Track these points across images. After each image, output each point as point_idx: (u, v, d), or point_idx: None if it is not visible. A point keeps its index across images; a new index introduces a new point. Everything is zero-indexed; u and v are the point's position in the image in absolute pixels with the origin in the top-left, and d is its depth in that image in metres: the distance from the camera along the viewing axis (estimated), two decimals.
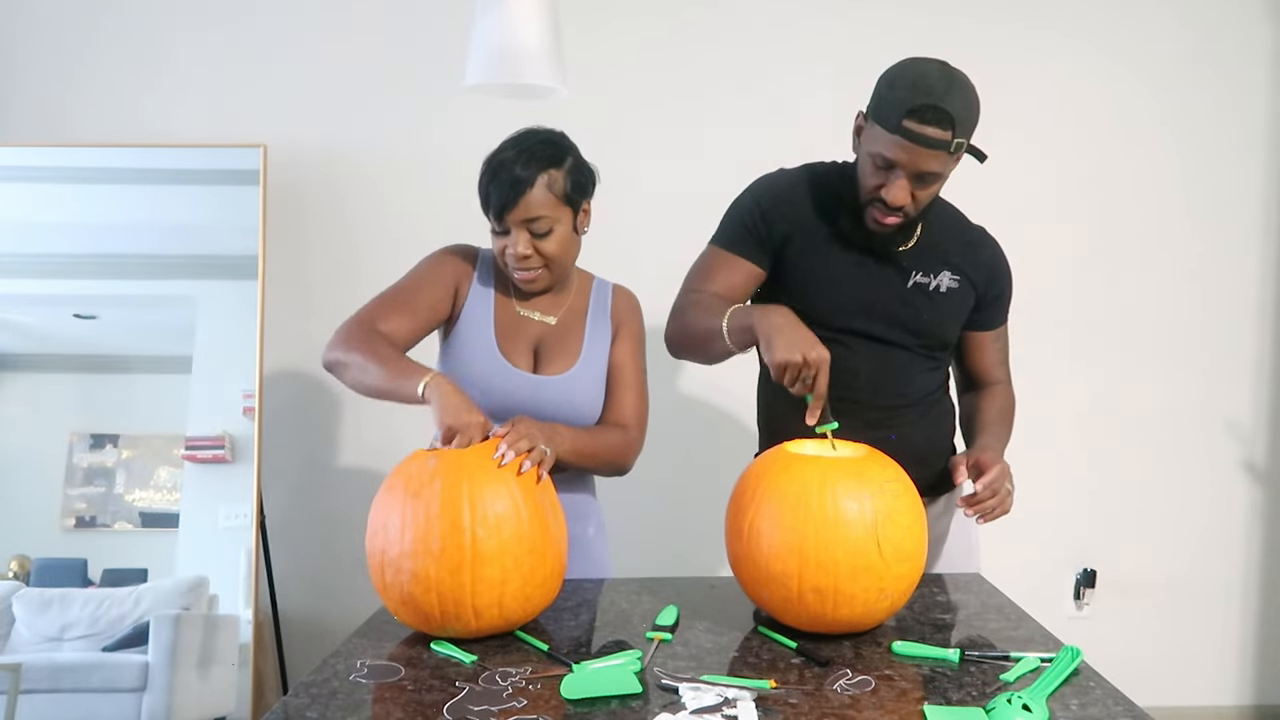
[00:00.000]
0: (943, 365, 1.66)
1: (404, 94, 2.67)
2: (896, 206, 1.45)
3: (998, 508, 1.45)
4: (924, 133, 1.38)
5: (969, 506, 1.46)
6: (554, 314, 1.61)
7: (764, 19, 2.68)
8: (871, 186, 1.46)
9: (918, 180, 1.43)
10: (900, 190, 1.43)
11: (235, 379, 2.46)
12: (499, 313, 1.58)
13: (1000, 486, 1.45)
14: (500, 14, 1.75)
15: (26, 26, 2.65)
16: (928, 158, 1.40)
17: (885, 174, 1.44)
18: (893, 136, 1.39)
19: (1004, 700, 1.01)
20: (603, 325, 1.63)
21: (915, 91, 1.38)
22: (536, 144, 1.49)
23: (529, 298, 1.60)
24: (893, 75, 1.44)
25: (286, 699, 1.07)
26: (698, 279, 1.60)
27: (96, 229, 2.53)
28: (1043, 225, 2.72)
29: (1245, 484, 2.83)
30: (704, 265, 1.62)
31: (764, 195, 1.60)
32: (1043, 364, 2.73)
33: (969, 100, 1.40)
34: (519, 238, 1.49)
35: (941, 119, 1.37)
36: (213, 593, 2.39)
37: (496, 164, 1.48)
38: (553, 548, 1.26)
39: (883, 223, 1.48)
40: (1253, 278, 2.79)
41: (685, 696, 1.04)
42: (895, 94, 1.40)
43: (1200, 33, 2.72)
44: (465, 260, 1.62)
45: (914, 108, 1.37)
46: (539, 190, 1.47)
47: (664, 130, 2.68)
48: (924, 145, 1.38)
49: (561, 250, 1.52)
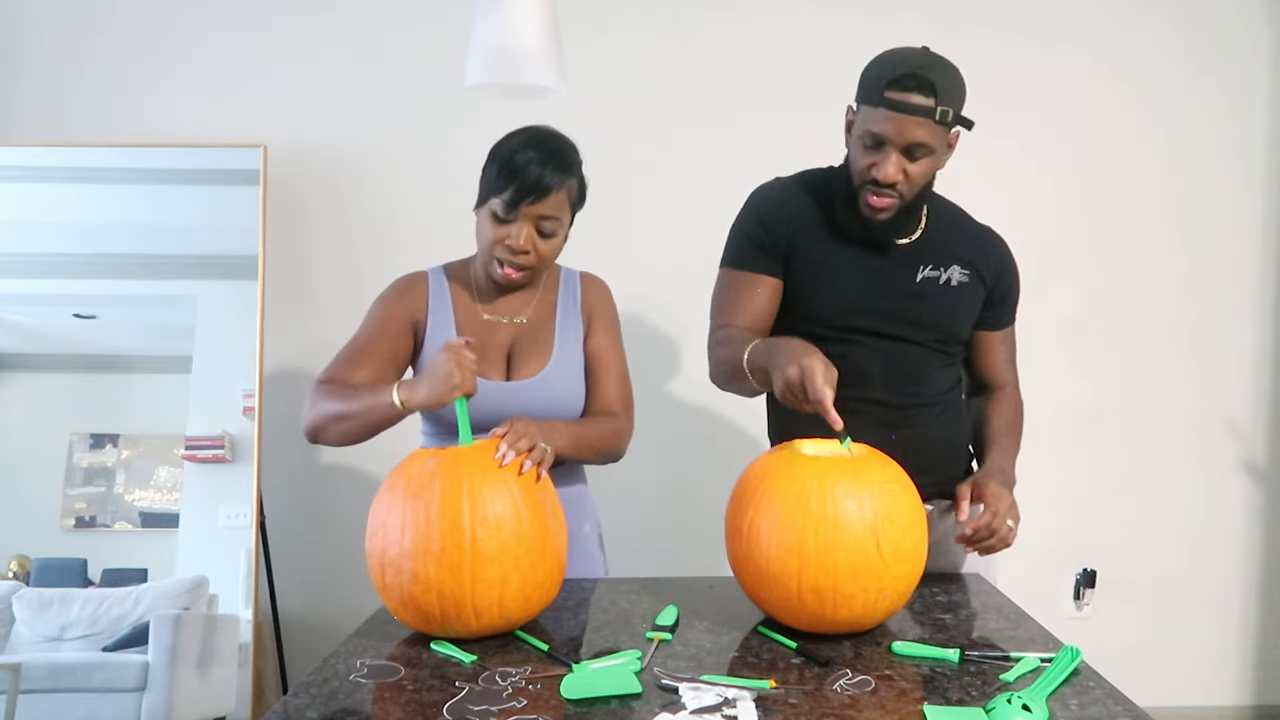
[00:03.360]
0: (956, 362, 1.65)
1: (404, 94, 2.67)
2: (889, 184, 1.45)
3: (997, 545, 1.44)
4: (907, 100, 1.40)
5: (966, 544, 1.44)
6: (524, 312, 1.61)
7: (764, 23, 2.68)
8: (863, 168, 1.47)
9: (907, 154, 1.44)
10: (891, 166, 1.43)
11: (235, 379, 2.46)
12: (463, 327, 1.58)
13: (1000, 525, 1.42)
14: (500, 14, 1.75)
15: (27, 26, 2.65)
16: (913, 126, 1.41)
17: (875, 153, 1.45)
18: (877, 110, 1.42)
19: (1004, 700, 1.01)
20: (574, 317, 1.63)
21: (896, 65, 1.42)
22: (561, 146, 1.51)
23: (494, 299, 1.60)
24: (875, 59, 1.47)
25: (286, 699, 1.07)
26: (722, 311, 1.60)
27: (96, 229, 2.53)
28: (1043, 225, 2.72)
29: (1245, 484, 2.84)
30: (722, 293, 1.61)
31: (762, 205, 1.60)
32: (1043, 364, 2.72)
33: (950, 73, 1.43)
34: (524, 230, 1.49)
35: (922, 85, 1.40)
36: (213, 593, 2.39)
37: (524, 158, 1.46)
38: (552, 548, 1.26)
39: (877, 206, 1.48)
40: (1253, 278, 2.79)
41: (685, 696, 1.04)
42: (878, 69, 1.44)
43: (1200, 34, 2.72)
44: (414, 291, 1.60)
45: (895, 78, 1.40)
46: (561, 193, 1.49)
47: (664, 131, 2.68)
48: (907, 113, 1.40)
49: (553, 254, 1.55)
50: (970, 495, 1.47)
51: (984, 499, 1.45)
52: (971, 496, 1.47)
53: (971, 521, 1.42)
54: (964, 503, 1.46)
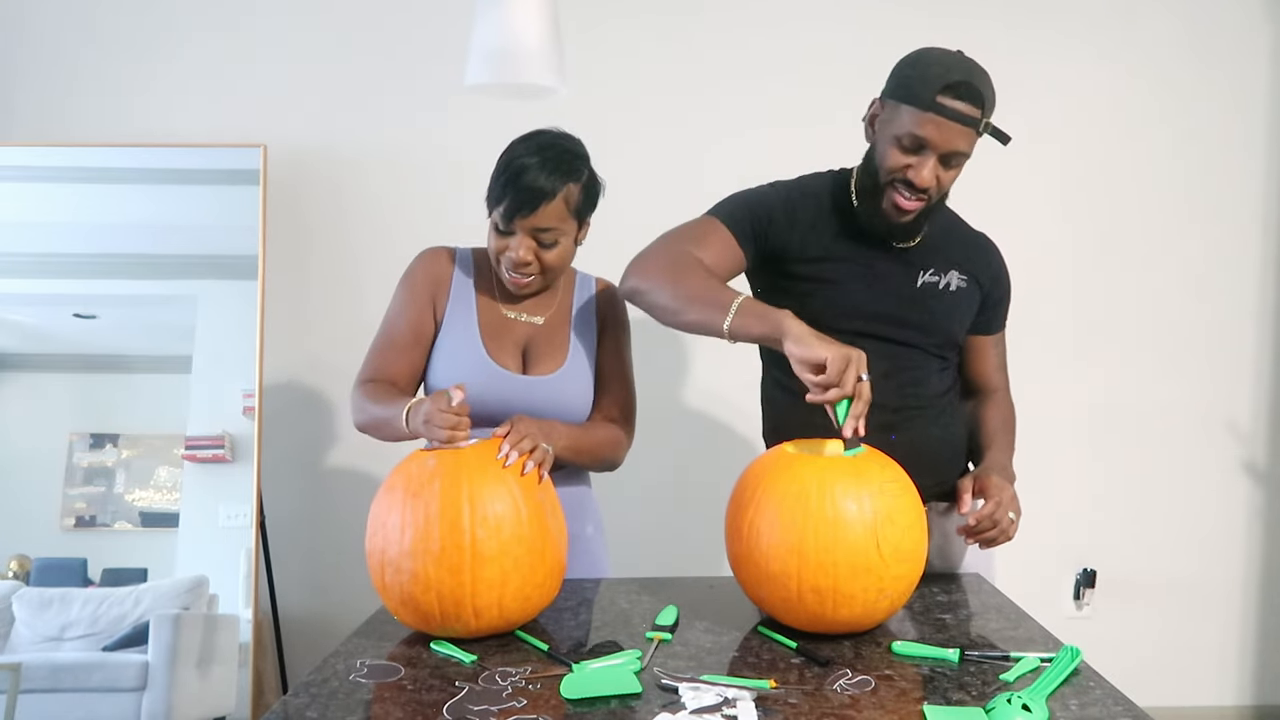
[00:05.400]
0: (952, 365, 1.66)
1: (404, 94, 2.67)
2: (922, 189, 1.44)
3: (999, 537, 1.44)
4: (957, 108, 1.39)
5: (968, 535, 1.45)
6: (541, 314, 1.60)
7: (765, 19, 2.68)
8: (897, 167, 1.44)
9: (944, 161, 1.43)
10: (928, 171, 1.42)
11: (235, 379, 2.46)
12: (484, 315, 1.58)
13: (1002, 517, 1.43)
14: (500, 14, 1.75)
15: (27, 26, 2.65)
16: (958, 135, 1.40)
17: (913, 155, 1.43)
18: (925, 114, 1.40)
19: (1004, 700, 1.01)
20: (588, 322, 1.63)
21: (948, 69, 1.40)
22: (560, 154, 1.48)
23: (517, 300, 1.60)
24: (917, 58, 1.44)
25: (286, 699, 1.07)
26: (689, 241, 1.50)
27: (96, 229, 2.53)
28: (1043, 226, 2.72)
29: (1245, 484, 2.83)
30: (698, 232, 1.52)
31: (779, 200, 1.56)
32: (1042, 364, 2.73)
33: (990, 84, 1.43)
34: (523, 243, 1.48)
35: (973, 96, 1.39)
36: (213, 592, 2.39)
37: (518, 167, 1.45)
38: (552, 548, 1.26)
39: (905, 208, 1.46)
40: (1253, 278, 2.79)
41: (685, 696, 1.04)
42: (927, 72, 1.41)
43: (1200, 33, 2.72)
44: (438, 266, 1.60)
45: (950, 83, 1.38)
46: (557, 203, 1.46)
47: (664, 130, 2.68)
48: (957, 121, 1.39)
49: (560, 261, 1.53)
50: (972, 488, 1.47)
51: (986, 491, 1.46)
52: (973, 489, 1.48)
53: (974, 513, 1.43)
54: (966, 495, 1.47)
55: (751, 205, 1.56)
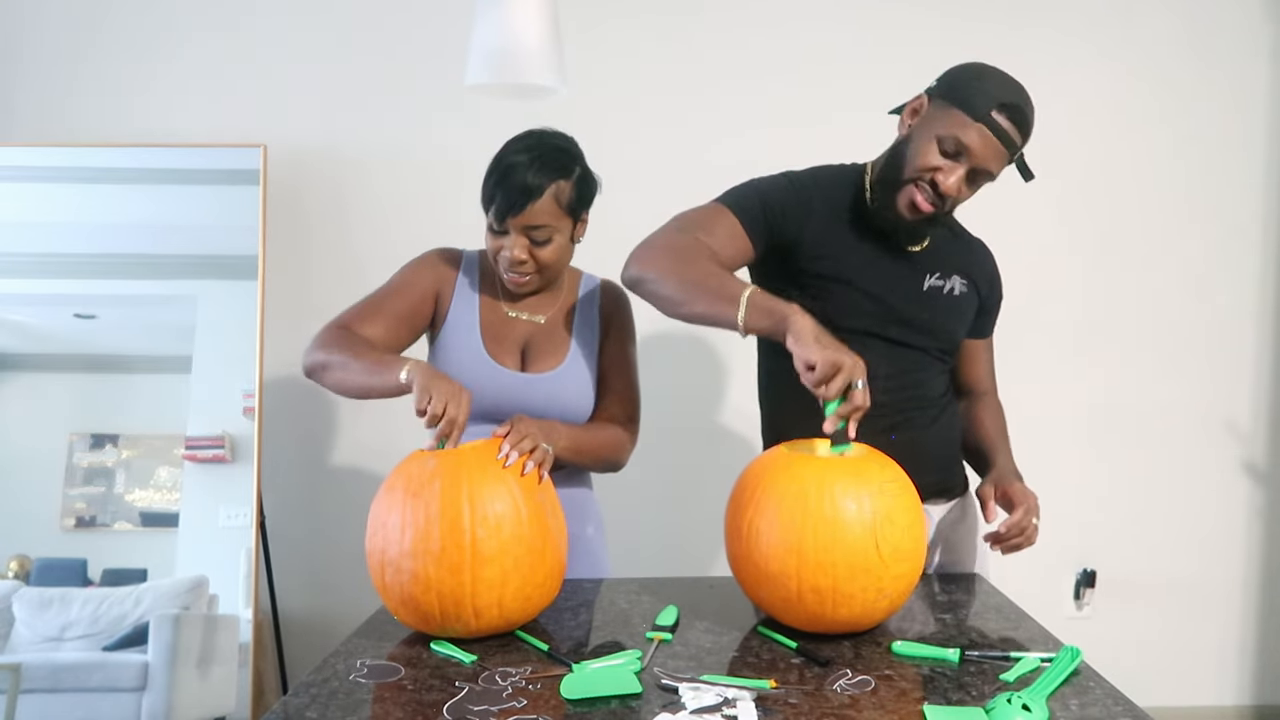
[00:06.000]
0: (949, 367, 1.67)
1: (404, 94, 2.67)
2: (943, 195, 1.44)
3: (1024, 544, 1.46)
4: (1005, 128, 1.41)
5: (996, 544, 1.45)
6: (543, 313, 1.61)
7: (765, 19, 2.68)
8: (930, 167, 1.43)
9: (971, 176, 1.44)
10: (956, 179, 1.43)
11: (235, 379, 2.46)
12: (485, 314, 1.58)
13: (1029, 523, 1.44)
14: (500, 14, 1.76)
15: (27, 26, 2.65)
16: (995, 153, 1.42)
17: (948, 159, 1.43)
18: (976, 124, 1.40)
19: (1004, 700, 1.01)
20: (590, 322, 1.63)
21: (1009, 89, 1.42)
22: (549, 151, 1.48)
23: (518, 299, 1.60)
24: (981, 70, 1.45)
25: (286, 699, 1.07)
26: (696, 229, 1.46)
27: (96, 229, 2.53)
28: (1043, 226, 2.72)
29: (1245, 484, 2.83)
30: (706, 220, 1.49)
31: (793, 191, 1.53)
32: (1042, 364, 2.73)
33: (1033, 121, 1.45)
34: (516, 242, 1.49)
35: (1023, 122, 1.42)
36: (213, 593, 2.39)
37: (507, 166, 1.46)
38: (552, 548, 1.26)
39: (920, 208, 1.46)
40: (1253, 278, 2.79)
41: (685, 696, 1.04)
42: (987, 85, 1.42)
43: (1200, 33, 2.72)
44: (448, 264, 1.61)
45: (1006, 103, 1.40)
46: (546, 200, 1.47)
47: (664, 130, 2.68)
48: (1000, 140, 1.41)
49: (556, 258, 1.53)
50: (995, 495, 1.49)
51: (1013, 498, 1.47)
52: (996, 496, 1.48)
53: (1005, 520, 1.44)
54: (990, 503, 1.48)
55: (764, 194, 1.52)
